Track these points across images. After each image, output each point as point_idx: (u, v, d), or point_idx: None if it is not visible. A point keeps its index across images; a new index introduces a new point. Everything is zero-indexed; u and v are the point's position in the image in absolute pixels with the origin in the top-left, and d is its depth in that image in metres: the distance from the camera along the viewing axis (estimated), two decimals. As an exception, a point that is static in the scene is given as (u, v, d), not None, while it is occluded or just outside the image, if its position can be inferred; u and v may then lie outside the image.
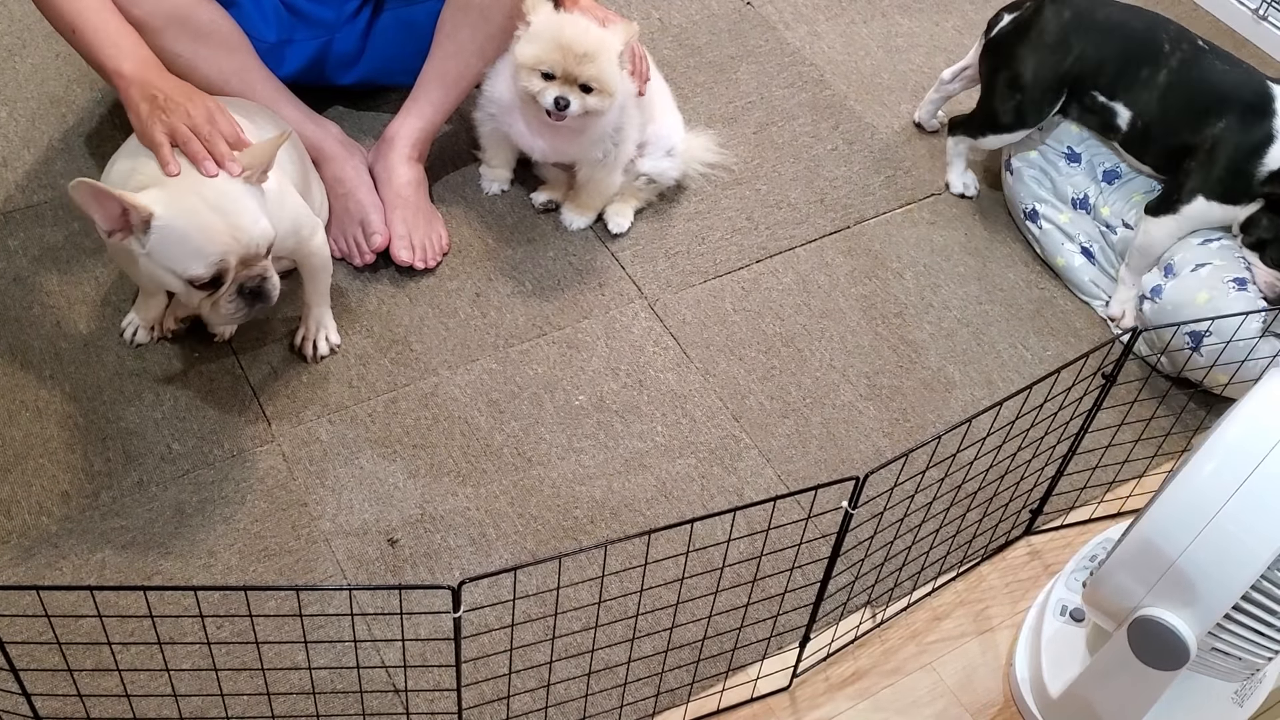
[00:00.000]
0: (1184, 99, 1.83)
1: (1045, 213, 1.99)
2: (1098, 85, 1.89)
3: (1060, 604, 1.50)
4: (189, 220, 1.45)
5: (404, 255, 1.87)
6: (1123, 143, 1.92)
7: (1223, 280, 1.76)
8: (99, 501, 1.60)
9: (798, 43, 2.34)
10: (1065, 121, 1.96)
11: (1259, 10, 2.43)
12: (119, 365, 1.74)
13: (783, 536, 1.59)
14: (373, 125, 2.06)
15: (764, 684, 1.49)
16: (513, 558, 1.59)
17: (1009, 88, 1.94)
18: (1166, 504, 1.22)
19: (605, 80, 1.75)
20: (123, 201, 1.41)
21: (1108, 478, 1.70)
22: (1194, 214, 1.82)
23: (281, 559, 1.56)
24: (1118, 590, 1.27)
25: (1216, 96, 1.81)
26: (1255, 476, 1.18)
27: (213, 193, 1.47)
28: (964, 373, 1.85)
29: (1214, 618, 1.20)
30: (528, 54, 1.75)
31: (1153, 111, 1.86)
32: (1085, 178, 1.97)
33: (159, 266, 1.47)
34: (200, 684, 1.43)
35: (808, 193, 2.08)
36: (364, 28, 1.99)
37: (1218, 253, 1.81)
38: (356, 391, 1.74)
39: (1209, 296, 1.75)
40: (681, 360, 1.83)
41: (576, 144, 1.86)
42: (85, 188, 1.40)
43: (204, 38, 1.76)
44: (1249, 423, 1.22)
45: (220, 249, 1.46)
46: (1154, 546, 1.22)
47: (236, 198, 1.48)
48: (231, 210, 1.47)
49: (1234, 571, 1.18)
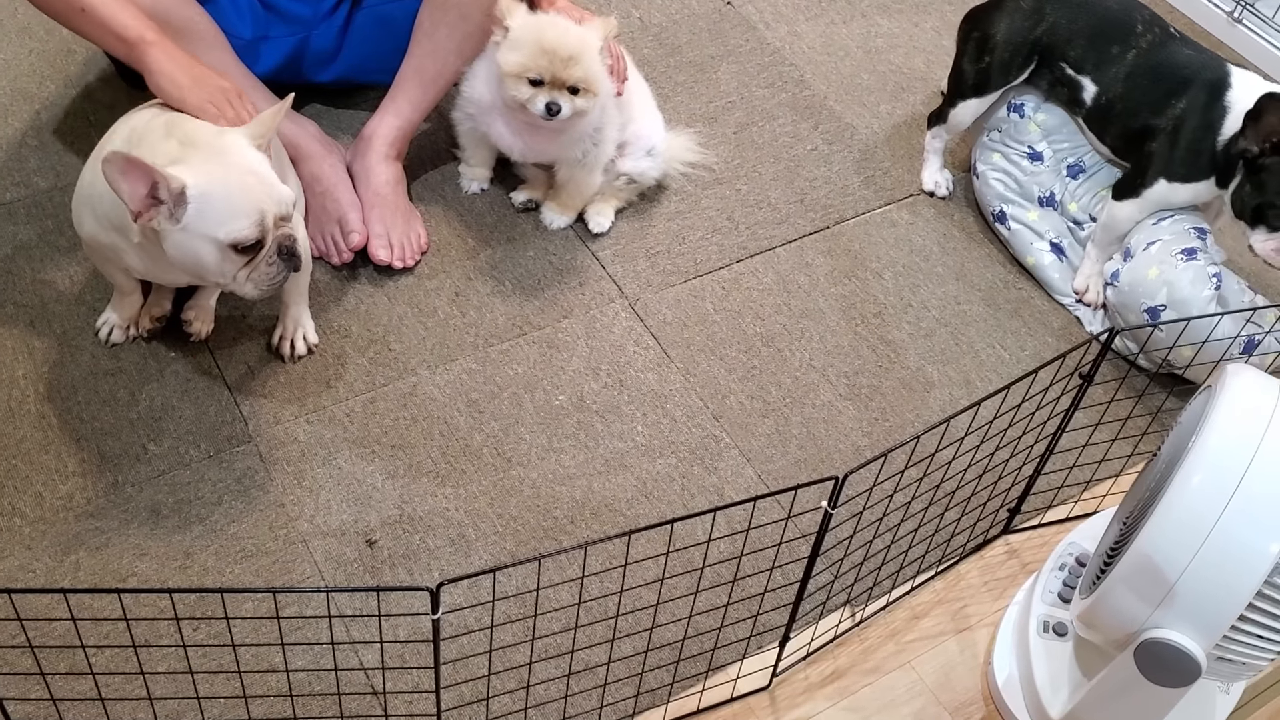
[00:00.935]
0: (1149, 80, 1.86)
1: (1013, 213, 2.00)
2: (1067, 57, 1.92)
3: (1041, 620, 1.48)
4: (224, 183, 1.46)
5: (382, 254, 1.86)
6: (1086, 119, 1.95)
7: (1171, 254, 1.80)
8: (73, 503, 1.58)
9: (778, 43, 2.34)
10: (1026, 120, 1.98)
11: (1234, 13, 2.45)
12: (94, 365, 1.72)
13: (762, 536, 1.59)
14: (350, 123, 2.05)
15: (744, 684, 1.49)
16: (492, 558, 1.58)
17: (979, 49, 1.97)
18: (1160, 523, 1.21)
19: (591, 80, 1.75)
20: (154, 174, 1.40)
21: (1085, 476, 1.71)
22: (1156, 197, 1.85)
23: (259, 560, 1.55)
24: (1117, 614, 1.25)
25: (1179, 79, 1.84)
26: (1244, 484, 1.18)
27: (235, 159, 1.48)
28: (942, 372, 1.85)
29: (1220, 631, 1.19)
30: (512, 62, 1.74)
31: (1118, 89, 1.89)
32: (1051, 175, 1.99)
33: (198, 237, 1.46)
34: (176, 687, 1.41)
35: (788, 192, 2.08)
36: (341, 25, 1.98)
37: (1167, 228, 1.84)
38: (334, 391, 1.73)
39: (1158, 271, 1.79)
40: (662, 360, 1.82)
41: (556, 144, 1.86)
42: (119, 159, 1.39)
43: (180, 34, 1.74)
44: (1227, 428, 1.21)
45: (259, 206, 1.47)
46: (1153, 567, 1.21)
47: (260, 161, 1.50)
48: (259, 171, 1.49)
49: (1237, 584, 1.17)
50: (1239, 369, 1.29)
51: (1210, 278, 1.77)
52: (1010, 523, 1.68)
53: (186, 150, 1.48)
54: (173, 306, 1.77)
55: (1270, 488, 1.19)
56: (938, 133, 2.09)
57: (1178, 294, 1.76)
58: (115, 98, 2.03)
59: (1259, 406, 1.23)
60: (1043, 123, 1.98)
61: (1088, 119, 1.94)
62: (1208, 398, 1.29)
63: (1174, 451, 1.31)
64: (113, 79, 2.06)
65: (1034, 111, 1.98)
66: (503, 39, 1.76)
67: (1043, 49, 1.94)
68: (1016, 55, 1.95)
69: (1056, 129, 1.98)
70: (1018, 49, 1.94)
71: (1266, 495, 1.18)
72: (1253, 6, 2.43)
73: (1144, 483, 1.38)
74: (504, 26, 1.76)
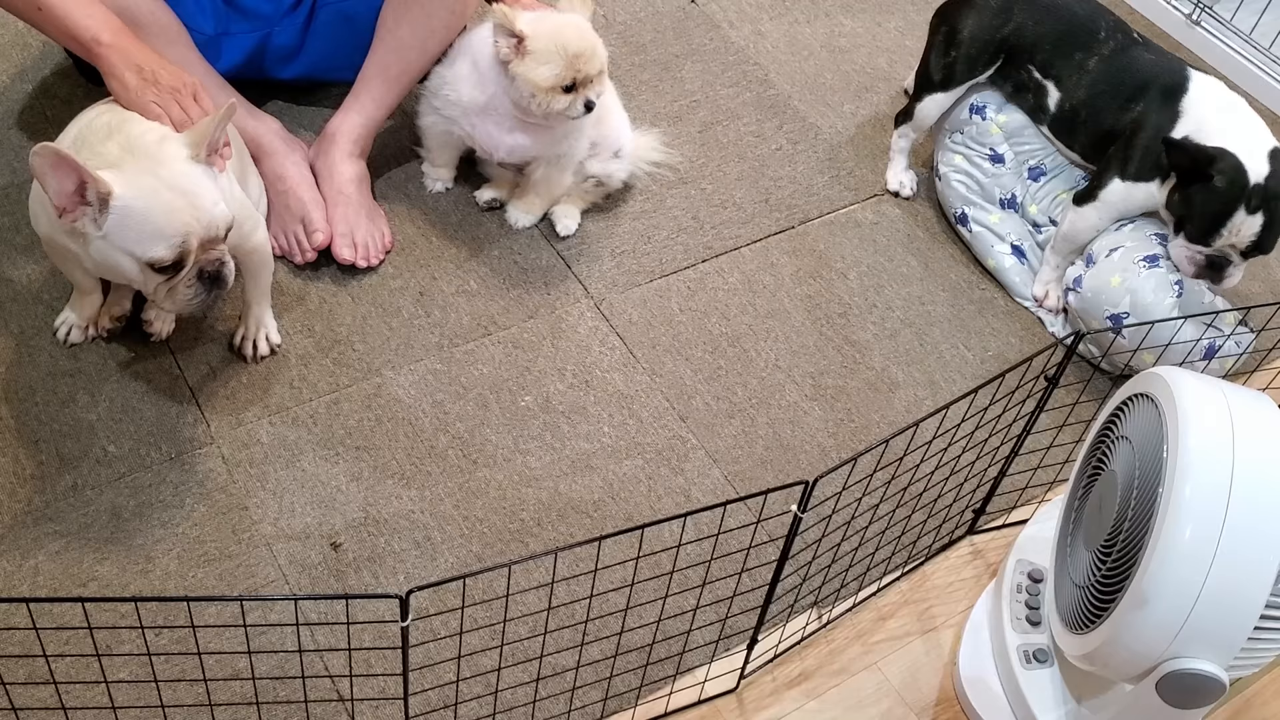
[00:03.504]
0: (1111, 85, 1.89)
1: (974, 215, 2.02)
2: (1033, 60, 1.94)
3: (1021, 651, 1.48)
4: (150, 199, 1.42)
5: (346, 253, 1.84)
6: (1051, 125, 1.97)
7: (1134, 261, 1.82)
8: (31, 506, 1.56)
9: (742, 42, 2.34)
10: (989, 122, 1.99)
11: (1192, 15, 2.48)
12: (52, 365, 1.69)
13: (731, 539, 1.59)
14: (313, 120, 2.03)
15: (711, 686, 1.49)
16: (458, 561, 1.57)
17: (946, 43, 1.99)
18: (1160, 560, 1.20)
19: (604, 67, 1.78)
20: (83, 174, 1.37)
21: (1049, 478, 1.72)
22: (1113, 198, 1.87)
23: (221, 564, 1.54)
24: (1132, 653, 1.25)
25: (1139, 83, 1.87)
26: (1233, 503, 1.19)
27: (170, 173, 1.44)
28: (907, 373, 1.86)
29: (1238, 646, 1.20)
30: (547, 76, 1.73)
31: (1081, 95, 1.91)
32: (1012, 177, 2.00)
33: (116, 249, 1.43)
34: (139, 694, 1.39)
35: (753, 192, 2.08)
36: (303, 22, 1.96)
37: (1129, 235, 1.86)
38: (298, 392, 1.71)
39: (1121, 279, 1.80)
40: (628, 360, 1.82)
41: (546, 139, 1.85)
42: (48, 153, 1.35)
43: (142, 29, 1.72)
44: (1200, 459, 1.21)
45: (182, 229, 1.43)
46: (1162, 606, 1.20)
47: (195, 179, 1.45)
48: (191, 190, 1.44)
49: (1246, 603, 1.18)
50: (1175, 377, 1.29)
51: (1172, 285, 1.79)
52: (975, 523, 1.69)
53: (125, 156, 1.44)
54: (133, 306, 1.74)
55: (1256, 501, 1.20)
56: (904, 132, 2.10)
57: (1141, 301, 1.78)
58: (72, 92, 2.00)
59: (1217, 416, 1.24)
60: (1004, 125, 1.99)
61: (1054, 125, 1.96)
62: (1158, 414, 1.29)
63: (1132, 471, 1.31)
64: (70, 73, 2.03)
65: (996, 113, 1.99)
66: (514, 51, 1.74)
67: (1009, 48, 1.95)
68: (983, 52, 1.96)
69: (1018, 131, 1.99)
70: (984, 46, 1.96)
71: (1254, 510, 1.19)
72: (1211, 9, 2.46)
73: (1100, 500, 1.37)
74: (515, 34, 1.73)
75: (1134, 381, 1.38)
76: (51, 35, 1.63)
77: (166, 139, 1.48)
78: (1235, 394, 1.28)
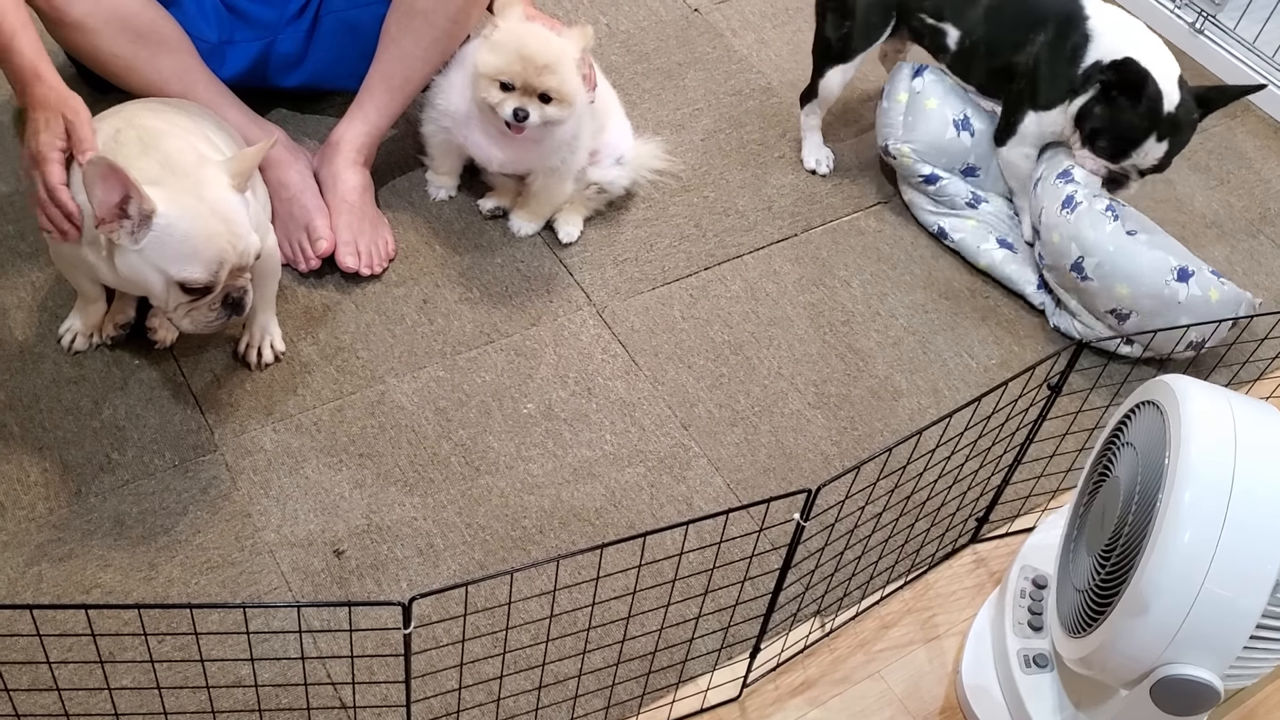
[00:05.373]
0: (1009, 17, 1.95)
1: (951, 225, 2.05)
2: (923, 8, 2.00)
3: (1021, 655, 1.48)
4: (193, 222, 1.43)
5: (349, 261, 1.85)
6: (951, 64, 2.03)
7: (1058, 215, 1.89)
8: (35, 513, 1.56)
9: (745, 50, 2.34)
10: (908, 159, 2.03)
11: (1195, 24, 2.48)
12: (56, 373, 1.70)
13: (733, 547, 1.59)
14: (317, 129, 2.03)
15: (714, 694, 1.49)
16: (461, 569, 1.57)
17: (840, 15, 2.02)
18: (1158, 567, 1.20)
19: (565, 90, 1.74)
20: (130, 188, 1.39)
21: (1052, 486, 1.72)
22: (1030, 130, 1.96)
23: (225, 571, 1.54)
24: (1127, 657, 1.24)
25: (1036, 16, 1.93)
26: (1232, 510, 1.18)
27: (213, 197, 1.45)
28: (910, 381, 1.86)
29: (1233, 654, 1.20)
30: (488, 64, 1.73)
31: (979, 30, 1.97)
32: (959, 183, 2.05)
33: (149, 265, 1.45)
34: (141, 701, 1.40)
35: (755, 200, 2.08)
36: (307, 30, 1.96)
37: (1041, 195, 1.95)
38: (301, 400, 1.72)
39: (1059, 234, 1.88)
40: (630, 368, 1.82)
41: (534, 153, 1.85)
42: (103, 163, 1.37)
43: (144, 38, 1.73)
44: (1202, 465, 1.21)
45: (220, 254, 1.45)
46: (1158, 610, 1.20)
47: (235, 206, 1.47)
48: (231, 218, 1.46)
49: (1243, 611, 1.18)
50: (1182, 385, 1.29)
51: (1104, 213, 1.86)
52: (978, 532, 1.69)
53: (166, 174, 1.46)
54: (137, 313, 1.74)
55: (1256, 510, 1.19)
56: (811, 109, 2.13)
57: (1087, 240, 1.85)
58: (77, 100, 2.00)
59: (1221, 424, 1.24)
60: (925, 154, 2.03)
61: (953, 65, 2.03)
62: (1162, 421, 1.29)
63: (1135, 476, 1.31)
64: (73, 80, 2.03)
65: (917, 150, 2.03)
66: (489, 34, 1.75)
67: (898, 5, 2.01)
68: (875, 15, 2.01)
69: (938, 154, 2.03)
70: (874, 8, 2.00)
71: (1255, 517, 1.19)
72: (1214, 18, 2.46)
73: (1103, 506, 1.38)
74: (494, 24, 1.75)
75: (1142, 389, 1.38)
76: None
77: (205, 162, 1.50)
78: (1240, 403, 1.28)
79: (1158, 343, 1.86)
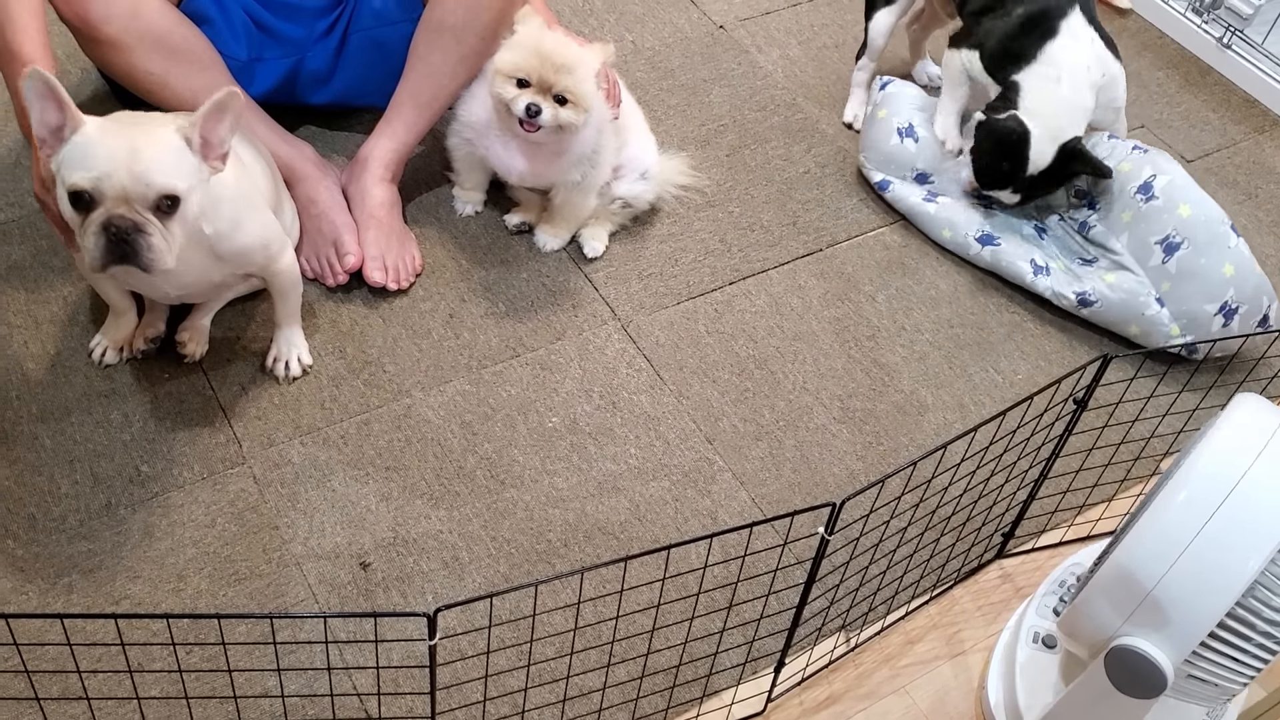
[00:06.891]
0: None
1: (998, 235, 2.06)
2: None
3: (1033, 631, 1.50)
4: (101, 135, 1.42)
5: (377, 276, 1.86)
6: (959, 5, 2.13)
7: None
8: (66, 525, 1.58)
9: (769, 66, 2.35)
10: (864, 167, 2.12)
11: (1223, 39, 2.47)
12: (87, 386, 1.72)
13: (758, 561, 1.59)
14: (345, 145, 2.05)
15: (738, 709, 1.49)
16: (486, 582, 1.58)
17: None
18: (1141, 534, 1.23)
19: (580, 93, 1.75)
20: (66, 109, 1.39)
21: (1078, 501, 1.72)
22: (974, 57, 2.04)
23: (252, 583, 1.55)
24: (1094, 620, 1.27)
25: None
26: (1227, 505, 1.19)
27: (139, 130, 1.43)
28: (936, 396, 1.86)
29: (1190, 645, 1.21)
30: (506, 60, 1.76)
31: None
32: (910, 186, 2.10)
33: (61, 181, 1.42)
34: (170, 711, 1.41)
35: (780, 215, 2.09)
36: (335, 47, 1.98)
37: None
38: (329, 413, 1.73)
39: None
40: (655, 382, 1.82)
41: (554, 166, 1.86)
42: (40, 78, 1.37)
43: (176, 56, 1.75)
44: (1220, 451, 1.23)
45: (108, 166, 1.40)
46: (1129, 576, 1.22)
47: (159, 140, 1.43)
48: (143, 146, 1.41)
49: (1209, 599, 1.19)
50: (1241, 396, 1.30)
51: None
52: (1004, 547, 1.68)
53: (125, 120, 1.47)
54: (167, 327, 1.76)
55: (1253, 511, 1.20)
56: (862, 65, 2.23)
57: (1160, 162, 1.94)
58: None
59: (1258, 431, 1.24)
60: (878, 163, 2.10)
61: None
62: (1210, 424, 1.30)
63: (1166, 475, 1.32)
64: (107, 98, 2.06)
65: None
66: (506, 39, 1.78)
67: None
68: None
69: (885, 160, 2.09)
70: None
71: (1249, 518, 1.20)
72: (1242, 33, 2.45)
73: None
74: (512, 30, 1.78)
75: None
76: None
77: (171, 116, 1.48)
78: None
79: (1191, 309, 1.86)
